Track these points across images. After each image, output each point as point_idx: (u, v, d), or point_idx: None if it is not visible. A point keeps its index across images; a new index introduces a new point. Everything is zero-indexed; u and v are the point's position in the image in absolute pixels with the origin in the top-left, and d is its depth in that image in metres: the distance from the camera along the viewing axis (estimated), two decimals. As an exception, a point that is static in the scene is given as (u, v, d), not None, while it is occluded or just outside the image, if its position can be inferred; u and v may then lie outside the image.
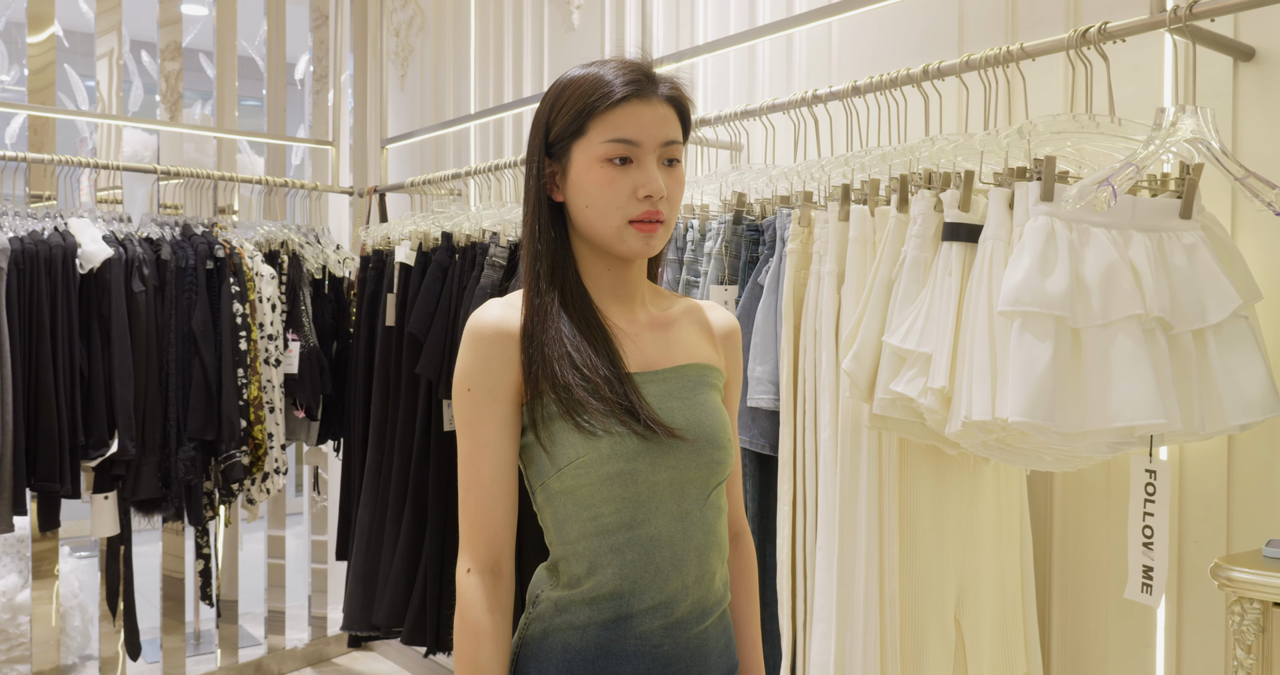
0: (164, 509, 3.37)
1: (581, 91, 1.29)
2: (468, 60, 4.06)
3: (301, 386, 3.62)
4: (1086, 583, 2.11)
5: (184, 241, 3.43)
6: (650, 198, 1.28)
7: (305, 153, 5.48)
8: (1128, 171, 1.50)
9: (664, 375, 1.33)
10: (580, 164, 1.29)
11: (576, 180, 1.30)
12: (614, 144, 1.27)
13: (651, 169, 1.28)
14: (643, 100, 1.28)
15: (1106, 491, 2.07)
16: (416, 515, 3.12)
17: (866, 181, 1.95)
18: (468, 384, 1.29)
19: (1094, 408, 1.53)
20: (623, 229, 1.29)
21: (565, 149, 1.31)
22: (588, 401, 1.25)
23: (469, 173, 3.28)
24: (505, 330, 1.30)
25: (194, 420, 3.33)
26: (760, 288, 2.07)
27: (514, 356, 1.29)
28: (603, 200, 1.28)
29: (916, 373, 1.69)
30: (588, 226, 1.32)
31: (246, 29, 6.07)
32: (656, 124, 1.29)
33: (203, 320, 3.36)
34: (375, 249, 3.54)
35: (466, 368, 1.29)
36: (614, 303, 1.37)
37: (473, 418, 1.29)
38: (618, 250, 1.31)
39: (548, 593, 1.32)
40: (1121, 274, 1.56)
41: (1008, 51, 1.82)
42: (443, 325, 2.99)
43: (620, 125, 1.27)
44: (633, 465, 1.25)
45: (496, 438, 1.28)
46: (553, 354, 1.27)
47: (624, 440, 1.25)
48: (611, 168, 1.28)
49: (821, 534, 1.91)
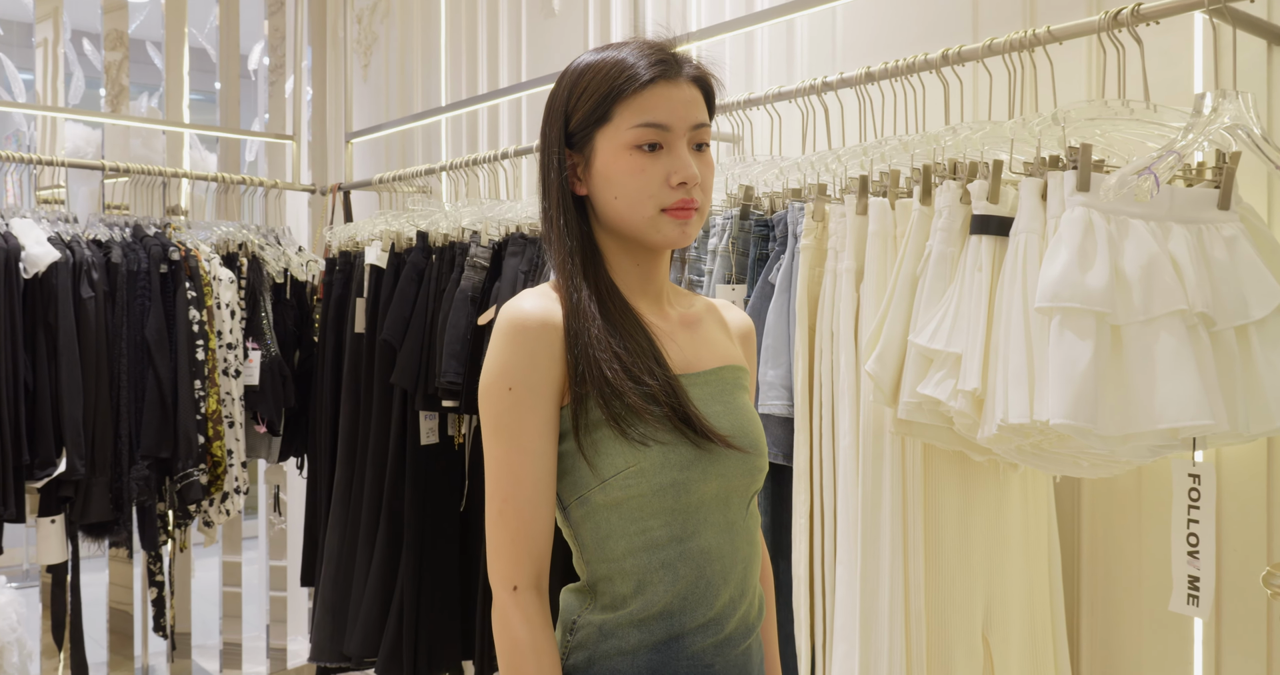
0: (115, 533, 3.33)
1: (604, 75, 1.29)
2: (437, 48, 4.04)
3: (263, 399, 3.58)
4: (1118, 595, 2.12)
5: (136, 243, 3.39)
6: (685, 185, 1.27)
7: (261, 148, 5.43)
8: (1170, 159, 1.52)
9: (705, 378, 1.33)
10: (606, 153, 1.29)
11: (603, 170, 1.30)
12: (643, 129, 1.27)
13: (684, 154, 1.28)
14: (670, 82, 1.28)
15: (1138, 498, 2.08)
16: (391, 535, 3.09)
17: (886, 172, 1.96)
18: (508, 382, 1.25)
19: (1137, 409, 1.54)
20: (656, 218, 1.28)
21: (588, 138, 1.31)
22: (641, 408, 1.23)
23: (443, 168, 3.27)
24: (551, 323, 1.27)
25: (148, 436, 3.28)
26: (771, 287, 2.07)
27: (559, 353, 1.26)
28: (633, 189, 1.27)
29: (945, 374, 1.69)
30: (617, 219, 1.31)
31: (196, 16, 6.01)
32: (686, 106, 1.29)
33: (157, 328, 3.32)
34: (342, 250, 3.51)
35: (507, 364, 1.25)
36: (644, 300, 1.36)
37: (513, 420, 1.25)
38: (652, 241, 1.30)
39: (587, 617, 1.29)
40: (1163, 268, 1.57)
41: (1034, 35, 1.83)
42: (419, 332, 2.97)
43: (648, 109, 1.27)
44: (685, 475, 1.24)
45: (540, 442, 1.25)
46: (599, 355, 1.25)
47: (675, 450, 1.24)
48: (641, 155, 1.27)
49: (841, 548, 1.92)
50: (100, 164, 3.54)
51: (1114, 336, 1.56)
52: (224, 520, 3.56)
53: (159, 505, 3.42)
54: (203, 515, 3.53)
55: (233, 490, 3.53)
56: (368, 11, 4.37)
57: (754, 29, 2.73)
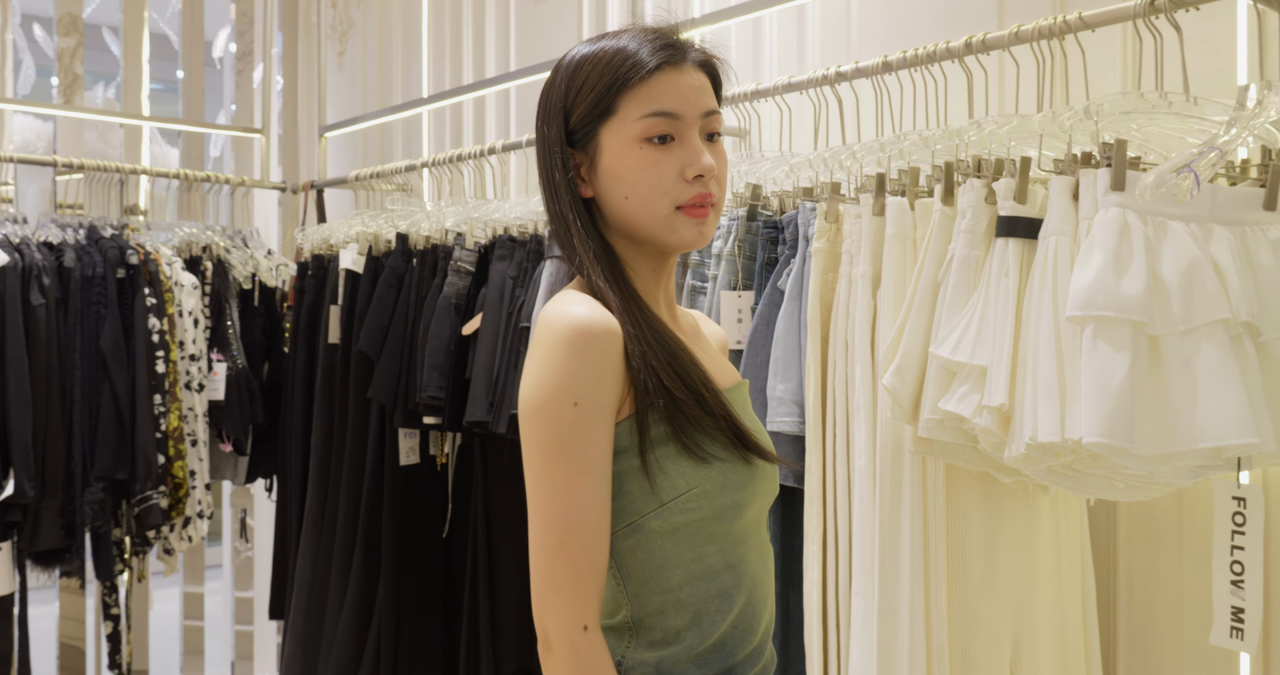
0: (67, 561, 3.32)
1: (604, 65, 1.29)
2: (419, 35, 4.06)
3: (229, 415, 3.59)
4: (1158, 628, 2.13)
5: (90, 246, 3.40)
6: (701, 178, 1.28)
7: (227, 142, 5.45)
8: (1211, 156, 1.52)
9: (732, 393, 1.36)
10: (613, 148, 1.30)
11: (610, 168, 1.30)
12: (653, 119, 1.28)
13: (697, 144, 1.29)
14: (676, 68, 1.30)
15: (1179, 522, 2.09)
16: (368, 563, 3.09)
17: (905, 170, 1.97)
18: (574, 396, 1.21)
19: (1177, 426, 1.54)
20: (671, 217, 1.29)
21: (591, 134, 1.31)
22: (703, 421, 1.24)
23: (425, 165, 3.28)
24: (615, 331, 1.25)
25: (103, 456, 3.28)
26: (781, 294, 2.08)
27: (621, 364, 1.24)
28: (646, 186, 1.28)
29: (970, 389, 1.70)
30: (629, 220, 1.31)
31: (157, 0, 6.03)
32: (695, 93, 1.30)
33: (113, 338, 3.32)
34: (314, 254, 3.52)
35: (571, 375, 1.22)
36: (661, 308, 1.38)
37: (577, 439, 1.22)
38: (668, 243, 1.31)
39: (636, 655, 1.28)
40: (1204, 273, 1.58)
41: (1064, 22, 1.85)
42: (399, 342, 2.98)
43: (656, 97, 1.28)
44: (740, 496, 1.27)
45: (603, 463, 1.23)
46: (657, 363, 1.24)
47: (733, 468, 1.26)
48: (651, 148, 1.28)
49: (857, 578, 1.92)
50: (51, 159, 3.55)
51: (1152, 348, 1.57)
52: (185, 547, 3.56)
53: (115, 531, 3.42)
54: (162, 542, 3.53)
55: (195, 515, 3.53)
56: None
57: (762, 14, 2.74)
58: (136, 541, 3.47)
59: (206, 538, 3.72)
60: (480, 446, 2.88)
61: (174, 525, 3.51)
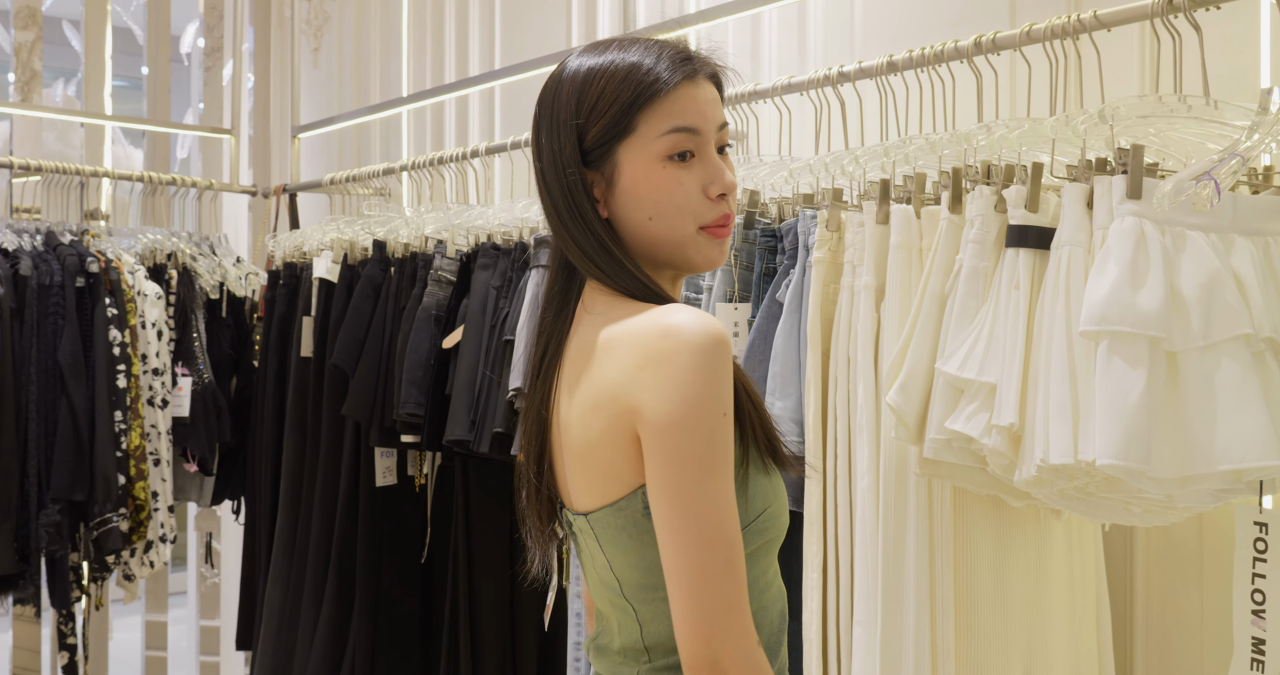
0: (20, 588, 3.31)
1: (621, 81, 1.31)
2: (398, 30, 4.07)
3: (194, 433, 3.58)
4: (1177, 660, 2.13)
5: (48, 253, 3.40)
6: (724, 197, 1.33)
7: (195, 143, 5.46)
8: (1232, 163, 1.53)
9: None
10: (634, 168, 1.32)
11: (631, 188, 1.32)
12: (676, 135, 1.31)
13: (717, 160, 1.34)
14: (693, 81, 1.33)
15: (1199, 549, 2.10)
16: (341, 590, 3.09)
17: (910, 176, 1.98)
18: (724, 407, 1.23)
19: (1196, 447, 1.55)
20: (696, 238, 1.33)
21: (607, 154, 1.33)
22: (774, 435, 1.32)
23: (404, 168, 3.29)
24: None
25: (60, 476, 3.28)
26: (779, 306, 2.09)
27: None
28: (673, 206, 1.31)
29: (978, 407, 1.70)
30: (652, 242, 1.34)
31: (119, -8, 6.05)
32: (711, 106, 1.34)
33: (72, 351, 3.32)
34: (286, 262, 3.52)
35: (720, 386, 1.23)
36: None
37: (725, 452, 1.23)
38: (692, 263, 1.35)
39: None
40: (1225, 286, 1.59)
41: (1079, 21, 1.86)
42: (375, 355, 2.98)
43: (678, 113, 1.31)
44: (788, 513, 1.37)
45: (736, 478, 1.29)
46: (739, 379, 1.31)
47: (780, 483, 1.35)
48: (674, 166, 1.31)
49: (859, 606, 1.92)
50: (8, 161, 3.55)
51: (1170, 364, 1.58)
52: (147, 573, 3.55)
53: (72, 556, 3.41)
54: (122, 567, 3.52)
55: (158, 538, 3.52)
56: (318, -12, 4.40)
57: (762, 11, 2.76)
58: (95, 567, 3.46)
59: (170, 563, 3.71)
60: (461, 467, 2.88)
61: (135, 550, 3.50)
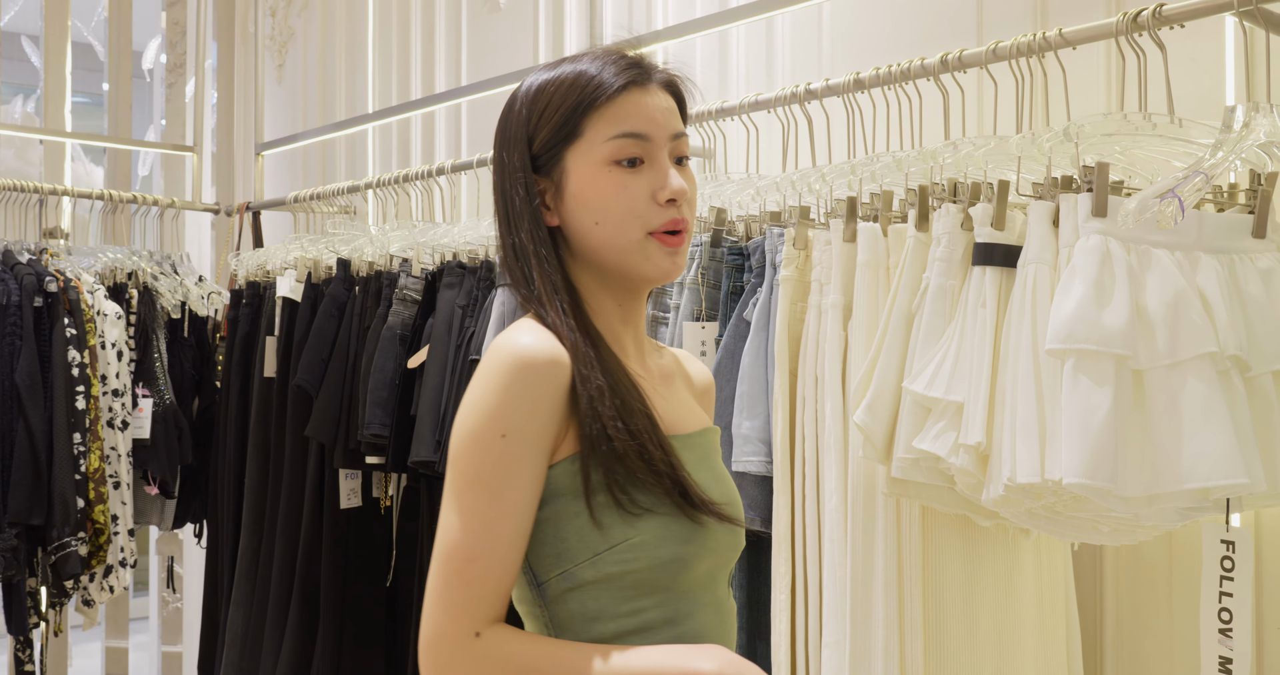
0: (-24, 614, 3.28)
1: (567, 87, 1.33)
2: (364, 46, 4.07)
3: (155, 455, 3.55)
4: (1147, 682, 2.14)
5: (4, 272, 3.37)
6: (674, 202, 1.31)
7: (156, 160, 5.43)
8: (1196, 181, 1.55)
9: (693, 440, 1.37)
10: (580, 173, 1.32)
11: (578, 194, 1.33)
12: (621, 140, 1.31)
13: (668, 167, 1.32)
14: (642, 88, 1.33)
15: (1169, 567, 2.11)
16: (305, 616, 3.07)
17: (877, 194, 1.99)
18: (502, 427, 1.24)
19: (1163, 466, 1.56)
20: (644, 243, 1.32)
21: (555, 159, 1.34)
22: (642, 474, 1.25)
23: (369, 185, 3.28)
24: (561, 363, 1.27)
25: (16, 499, 3.24)
26: (747, 324, 2.09)
27: (564, 401, 1.27)
28: (618, 211, 1.31)
29: (945, 426, 1.71)
30: (599, 248, 1.34)
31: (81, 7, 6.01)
32: (663, 114, 1.34)
33: (29, 372, 3.29)
34: (250, 281, 3.51)
35: (503, 406, 1.24)
36: (628, 347, 1.40)
37: (500, 471, 1.24)
38: (641, 272, 1.33)
39: None
40: (1190, 304, 1.60)
41: (1044, 39, 1.88)
42: (339, 376, 2.97)
43: (624, 118, 1.31)
44: (685, 549, 1.27)
45: (525, 499, 1.25)
46: (603, 408, 1.26)
47: (674, 521, 1.27)
48: (621, 170, 1.31)
49: (828, 628, 1.92)
50: (-35, 179, 3.53)
51: (1136, 383, 1.59)
52: (107, 598, 3.52)
53: (30, 581, 3.38)
54: (81, 592, 3.49)
55: (117, 563, 3.49)
56: (283, 3, 4.40)
57: (729, 28, 2.77)
58: (53, 592, 3.43)
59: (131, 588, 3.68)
60: (427, 488, 2.86)
61: (94, 575, 3.47)
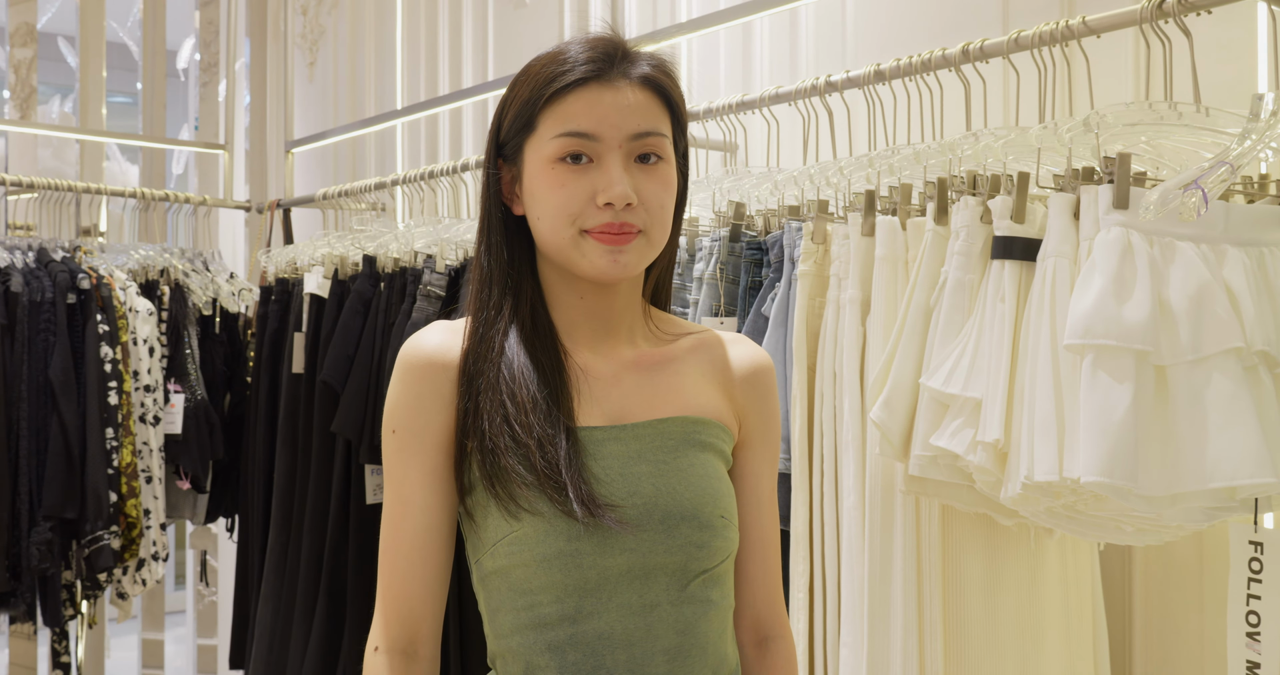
0: (12, 606, 3.30)
1: (531, 78, 1.31)
2: (393, 44, 4.07)
3: (186, 450, 3.57)
4: (1176, 684, 2.09)
5: (39, 269, 3.39)
6: (611, 206, 1.27)
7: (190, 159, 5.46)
8: (1221, 172, 1.50)
9: (635, 431, 1.32)
10: (532, 166, 1.31)
11: (529, 186, 1.32)
12: (565, 139, 1.28)
13: (613, 169, 1.27)
14: (604, 84, 1.29)
15: (1199, 569, 2.06)
16: (332, 609, 3.06)
17: (896, 187, 1.96)
18: (392, 424, 1.31)
19: (1186, 464, 1.53)
20: (578, 241, 1.28)
21: (518, 149, 1.33)
22: (513, 471, 1.25)
23: (395, 182, 3.27)
24: (441, 362, 1.31)
25: (51, 494, 3.26)
26: (765, 320, 2.07)
27: (449, 397, 1.31)
28: (553, 207, 1.29)
29: (963, 423, 1.68)
30: (543, 243, 1.33)
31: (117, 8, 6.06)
32: (621, 113, 1.28)
33: (63, 368, 3.31)
34: (279, 277, 3.51)
35: (392, 404, 1.32)
36: (588, 338, 1.37)
37: (396, 466, 1.31)
38: (580, 270, 1.31)
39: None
40: (1215, 298, 1.57)
41: (1067, 27, 1.83)
42: (364, 372, 2.96)
43: (572, 116, 1.28)
44: (574, 546, 1.25)
45: (422, 493, 1.30)
46: (486, 404, 1.28)
47: (554, 518, 1.24)
48: (564, 168, 1.28)
49: (846, 627, 1.90)
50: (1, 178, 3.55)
51: (1158, 379, 1.55)
52: (140, 591, 3.54)
53: (65, 574, 3.40)
54: (115, 585, 3.51)
55: (150, 556, 3.50)
56: (314, 2, 4.40)
57: (752, 19, 2.74)
58: (87, 585, 3.44)
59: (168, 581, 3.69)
60: (451, 484, 2.85)
61: (127, 568, 3.48)
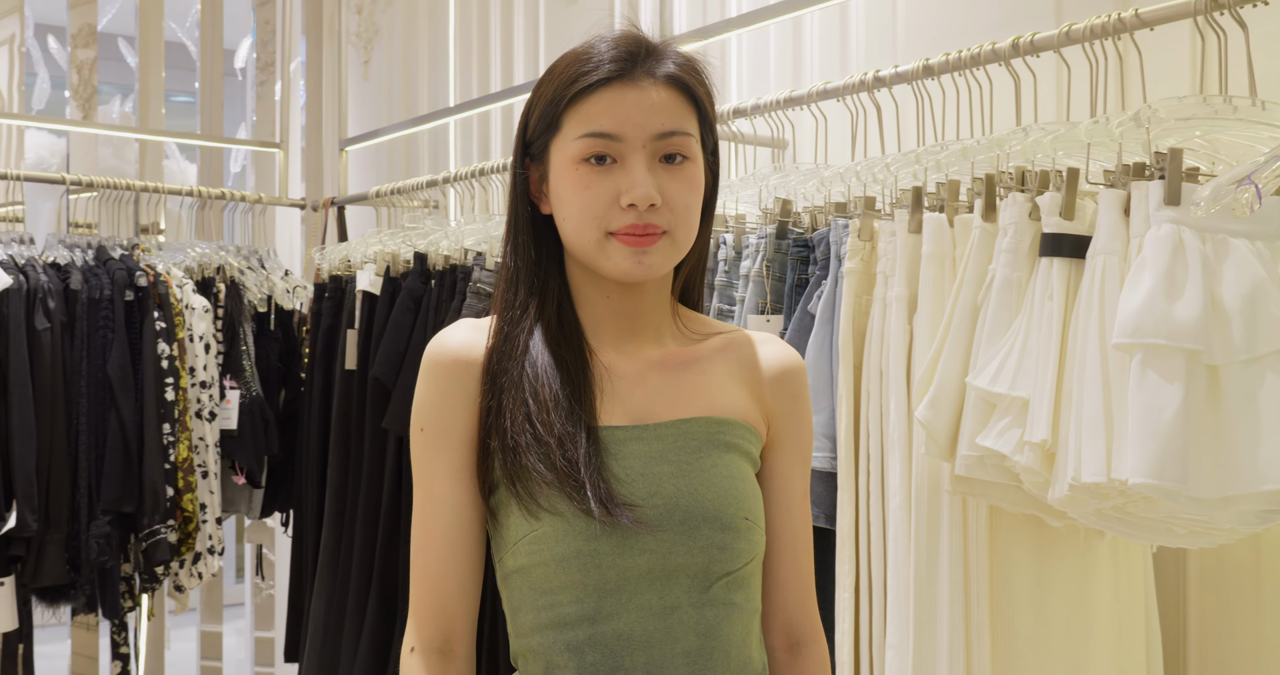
0: (73, 598, 3.35)
1: (556, 77, 1.31)
2: (445, 42, 4.08)
3: (242, 446, 3.60)
4: (1232, 689, 2.06)
5: (98, 267, 3.44)
6: (635, 207, 1.26)
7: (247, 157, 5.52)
8: (1276, 167, 1.47)
9: (658, 431, 1.31)
10: (557, 166, 1.30)
11: (554, 186, 1.32)
12: (588, 140, 1.27)
13: (637, 170, 1.26)
14: (628, 83, 1.27)
15: (1256, 573, 2.03)
16: (383, 604, 3.08)
17: (943, 183, 1.94)
18: (420, 421, 1.33)
19: (1239, 466, 1.50)
20: (603, 243, 1.28)
21: (544, 148, 1.33)
22: (533, 469, 1.25)
23: (448, 179, 3.28)
24: (467, 359, 1.32)
25: (109, 488, 3.31)
26: (811, 318, 2.06)
27: (474, 394, 1.31)
28: (578, 209, 1.28)
29: (1010, 423, 1.67)
30: (569, 243, 1.33)
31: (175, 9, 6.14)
32: (645, 112, 1.27)
33: (121, 364, 3.35)
34: (333, 274, 3.53)
35: (419, 402, 1.33)
36: (614, 337, 1.37)
37: (424, 464, 1.32)
38: (605, 271, 1.31)
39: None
40: (1269, 296, 1.54)
41: (1120, 20, 1.80)
42: (415, 368, 2.96)
43: (596, 116, 1.27)
44: (594, 546, 1.24)
45: (451, 490, 1.30)
46: (509, 402, 1.28)
47: (573, 518, 1.24)
48: (588, 168, 1.27)
49: (892, 628, 1.89)
50: (60, 177, 3.60)
51: (1210, 379, 1.53)
52: (196, 584, 3.58)
53: (124, 566, 3.45)
54: (173, 578, 3.55)
55: (206, 550, 3.54)
56: (369, 1, 4.42)
57: (802, 14, 2.72)
58: (145, 578, 3.49)
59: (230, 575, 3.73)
60: (500, 481, 2.85)
61: (183, 561, 3.53)
